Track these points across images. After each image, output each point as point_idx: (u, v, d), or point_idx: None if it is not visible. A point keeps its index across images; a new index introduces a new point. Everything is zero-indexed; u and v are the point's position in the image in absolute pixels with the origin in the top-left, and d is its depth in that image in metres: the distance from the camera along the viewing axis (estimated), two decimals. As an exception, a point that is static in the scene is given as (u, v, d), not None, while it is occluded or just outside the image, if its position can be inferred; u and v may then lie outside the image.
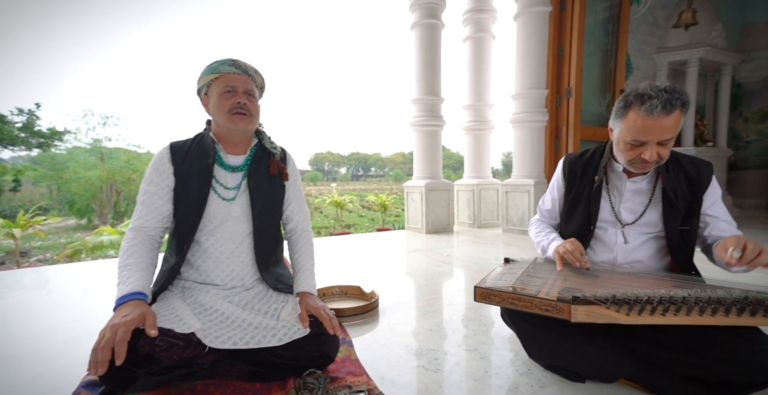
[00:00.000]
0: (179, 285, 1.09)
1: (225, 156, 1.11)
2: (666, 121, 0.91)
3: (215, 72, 1.05)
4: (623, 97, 1.00)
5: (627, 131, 0.96)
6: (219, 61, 1.07)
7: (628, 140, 0.97)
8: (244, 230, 1.11)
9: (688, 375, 0.86)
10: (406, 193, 4.16)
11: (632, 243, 1.10)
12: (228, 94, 1.04)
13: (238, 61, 1.08)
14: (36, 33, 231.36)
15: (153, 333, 0.83)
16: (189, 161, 1.07)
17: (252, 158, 1.14)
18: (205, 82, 1.08)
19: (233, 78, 1.05)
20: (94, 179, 13.09)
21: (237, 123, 1.05)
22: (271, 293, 1.14)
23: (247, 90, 1.07)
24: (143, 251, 1.01)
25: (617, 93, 3.77)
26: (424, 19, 3.79)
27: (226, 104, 1.04)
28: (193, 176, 1.06)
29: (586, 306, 0.84)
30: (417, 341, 1.31)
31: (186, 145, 1.10)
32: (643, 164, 0.98)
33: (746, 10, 5.60)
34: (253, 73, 1.09)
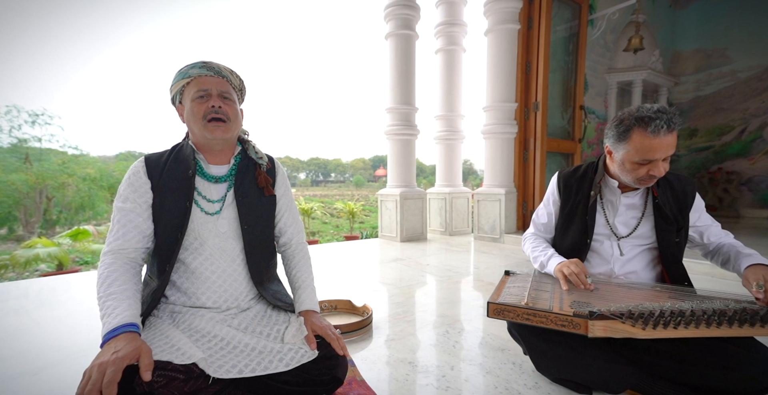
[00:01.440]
0: (167, 310, 0.98)
1: (206, 166, 1.01)
2: (670, 139, 0.99)
3: (186, 77, 0.96)
4: (619, 122, 1.06)
5: (635, 152, 1.02)
6: (189, 64, 0.98)
7: (636, 160, 1.03)
8: (234, 246, 1.02)
9: (690, 384, 0.92)
10: (380, 201, 4.15)
11: (627, 255, 1.16)
12: (201, 100, 0.95)
13: (210, 62, 0.99)
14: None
15: (147, 376, 0.73)
16: (167, 174, 0.97)
17: (237, 167, 1.05)
18: (177, 90, 0.98)
19: (205, 81, 0.95)
20: (18, 183, 11.58)
21: (214, 132, 0.95)
22: (270, 312, 1.06)
23: (222, 92, 0.97)
24: (126, 277, 0.90)
25: (577, 108, 4.05)
26: (399, 30, 3.84)
27: (200, 110, 0.94)
28: (173, 190, 0.96)
29: (602, 321, 0.86)
30: (419, 357, 1.29)
31: (163, 157, 1.00)
32: (650, 180, 1.05)
33: (676, 39, 6.30)
34: (228, 74, 1.00)
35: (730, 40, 5.86)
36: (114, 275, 0.88)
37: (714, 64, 6.08)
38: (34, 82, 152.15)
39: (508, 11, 3.66)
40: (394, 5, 3.82)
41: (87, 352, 1.34)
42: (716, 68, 6.05)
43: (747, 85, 5.79)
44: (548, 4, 3.61)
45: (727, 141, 5.96)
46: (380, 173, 56.00)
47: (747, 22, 5.67)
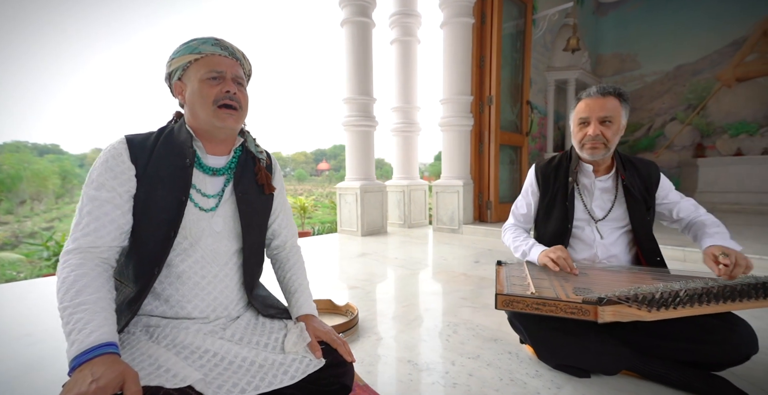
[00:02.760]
0: (140, 324, 0.82)
1: (204, 156, 0.87)
2: (602, 101, 1.13)
3: (195, 52, 0.82)
4: (576, 98, 1.22)
5: (576, 115, 1.19)
6: (199, 39, 0.83)
7: (576, 121, 1.18)
8: (228, 247, 0.89)
9: (679, 359, 1.00)
10: (339, 195, 4.03)
11: (607, 239, 1.24)
12: (213, 81, 0.82)
13: (223, 40, 0.85)
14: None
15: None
16: (156, 161, 0.81)
17: (237, 160, 0.92)
18: (180, 65, 0.83)
19: (219, 61, 0.83)
20: None
21: (225, 120, 0.83)
22: (262, 320, 0.94)
23: (236, 77, 0.85)
24: (99, 282, 0.72)
25: (524, 103, 4.29)
26: (356, 17, 3.71)
27: (210, 93, 0.81)
28: (164, 180, 0.81)
29: (611, 306, 0.90)
30: (417, 354, 1.26)
31: (149, 140, 0.83)
32: (592, 143, 1.15)
33: (598, 43, 6.99)
34: (241, 57, 0.88)
35: (640, 47, 6.63)
36: (84, 280, 0.70)
37: (627, 68, 6.84)
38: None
39: (463, 5, 3.71)
40: (349, -9, 3.67)
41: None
42: (629, 72, 6.82)
43: (652, 88, 6.62)
44: (500, 0, 3.73)
45: (638, 137, 6.78)
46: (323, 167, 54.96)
47: (653, 33, 6.46)
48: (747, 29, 5.59)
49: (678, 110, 6.31)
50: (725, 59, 5.82)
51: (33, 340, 1.41)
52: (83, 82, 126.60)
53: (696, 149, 6.08)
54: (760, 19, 5.45)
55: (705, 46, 5.97)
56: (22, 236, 14.20)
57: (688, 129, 6.23)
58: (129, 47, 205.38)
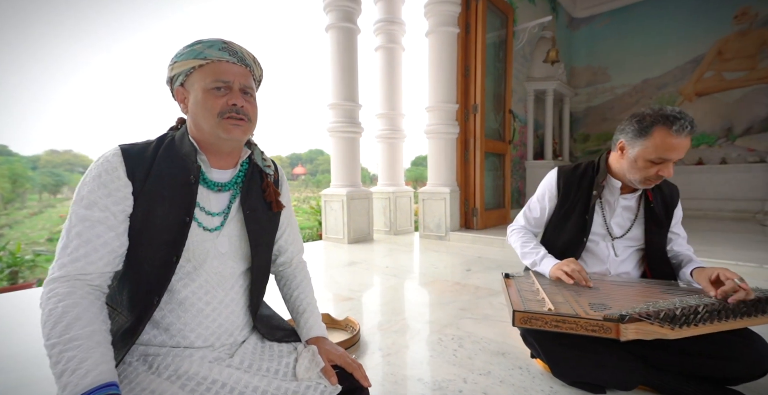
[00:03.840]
0: (136, 353, 0.74)
1: (208, 170, 0.79)
2: (688, 141, 1.02)
3: (200, 57, 0.74)
4: (641, 118, 1.07)
5: (653, 149, 1.03)
6: (205, 41, 0.75)
7: (652, 158, 1.04)
8: (234, 269, 0.82)
9: (695, 374, 1.01)
10: (324, 202, 3.95)
11: (621, 256, 1.24)
12: (218, 92, 0.74)
13: (232, 44, 0.77)
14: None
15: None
16: (156, 177, 0.73)
17: (244, 174, 0.85)
18: (183, 70, 0.75)
19: (226, 69, 0.74)
20: None
21: (231, 132, 0.75)
22: (269, 343, 0.87)
23: (245, 87, 0.78)
24: (90, 313, 0.63)
25: (507, 112, 4.38)
26: (341, 22, 3.68)
27: (215, 104, 0.74)
28: (165, 198, 0.73)
29: (634, 323, 0.90)
30: (426, 371, 1.22)
31: (147, 151, 0.75)
32: (656, 180, 1.10)
33: (572, 55, 7.30)
34: (251, 63, 0.80)
35: (610, 61, 6.97)
36: (74, 311, 0.62)
37: (599, 80, 7.17)
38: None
39: (448, 14, 3.76)
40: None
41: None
42: (601, 84, 7.15)
43: (622, 99, 6.96)
44: (483, 10, 3.81)
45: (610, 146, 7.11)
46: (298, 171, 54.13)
47: (621, 48, 6.81)
48: (704, 48, 6.00)
49: (645, 120, 6.66)
50: (686, 75, 6.21)
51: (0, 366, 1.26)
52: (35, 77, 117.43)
53: (662, 158, 6.44)
54: (717, 40, 5.86)
55: (668, 62, 6.36)
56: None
57: (654, 139, 6.59)
58: (89, 44, 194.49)
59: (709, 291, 1.01)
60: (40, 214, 21.39)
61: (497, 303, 1.87)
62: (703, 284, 1.04)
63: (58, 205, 24.41)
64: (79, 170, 35.48)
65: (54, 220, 19.31)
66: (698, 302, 0.95)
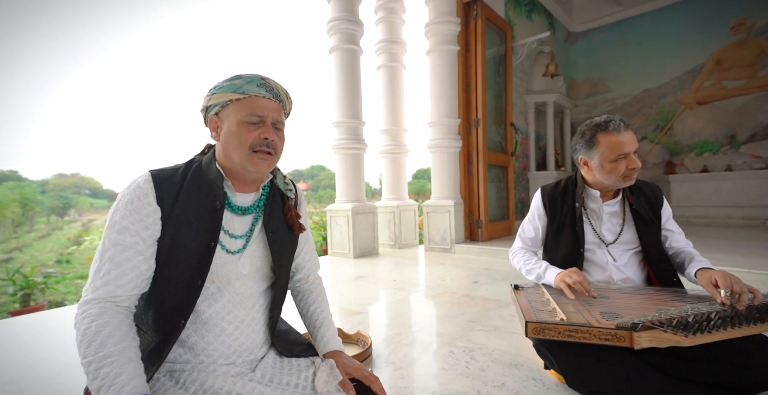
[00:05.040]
0: (163, 370, 0.77)
1: (233, 194, 0.83)
2: (630, 134, 1.16)
3: (238, 91, 0.78)
4: (582, 134, 1.23)
5: (609, 150, 1.16)
6: (245, 77, 0.79)
7: (612, 158, 1.16)
8: (255, 290, 0.86)
9: (712, 383, 1.00)
10: (330, 217, 3.98)
11: (620, 261, 1.26)
12: (252, 126, 0.78)
13: (268, 80, 0.81)
14: None
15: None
16: (184, 202, 0.77)
17: (266, 197, 0.89)
18: (220, 101, 0.79)
19: (262, 104, 0.78)
20: None
21: (258, 165, 0.79)
22: (285, 359, 0.89)
23: (277, 122, 0.82)
24: (121, 331, 0.67)
25: (508, 125, 4.45)
26: (344, 44, 3.80)
27: (248, 137, 0.78)
28: (192, 223, 0.76)
29: (647, 331, 0.90)
30: (438, 384, 1.21)
31: (175, 176, 0.79)
32: (632, 175, 1.18)
33: (570, 68, 7.43)
34: (284, 99, 0.84)
35: (609, 72, 7.09)
36: (106, 330, 0.66)
37: (599, 91, 7.27)
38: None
39: (447, 33, 3.88)
40: (337, 19, 3.77)
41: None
42: (600, 95, 7.24)
43: (622, 110, 7.03)
44: (482, 28, 3.93)
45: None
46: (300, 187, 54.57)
47: (619, 59, 6.93)
48: (703, 58, 6.10)
49: (648, 130, 6.70)
50: (686, 84, 6.28)
51: (20, 388, 1.27)
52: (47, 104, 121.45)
53: (666, 167, 6.43)
54: (715, 49, 5.96)
55: (667, 73, 6.45)
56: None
57: (658, 148, 6.60)
58: (97, 66, 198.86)
59: (714, 296, 1.01)
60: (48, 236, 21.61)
61: (507, 315, 1.86)
62: (708, 289, 1.04)
63: (65, 227, 24.63)
64: (85, 192, 35.95)
65: (62, 242, 19.46)
66: (710, 309, 0.95)
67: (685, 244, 1.28)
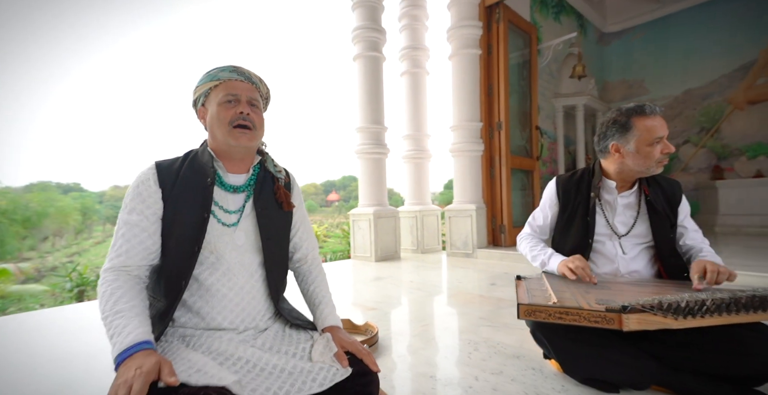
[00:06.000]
0: (176, 334, 0.88)
1: (225, 174, 0.96)
2: (662, 119, 1.16)
3: (214, 79, 0.92)
4: (614, 120, 1.20)
5: (646, 133, 1.14)
6: (219, 68, 0.94)
7: (651, 140, 1.14)
8: (252, 260, 0.95)
9: (711, 372, 0.96)
10: (352, 221, 4.08)
11: (629, 254, 1.23)
12: (229, 104, 0.91)
13: (240, 67, 0.95)
14: None
15: (173, 381, 0.66)
16: (181, 182, 0.90)
17: (256, 177, 1.00)
18: (202, 91, 0.94)
19: (235, 85, 0.92)
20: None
21: (239, 139, 0.91)
22: (289, 331, 0.98)
23: (251, 99, 0.94)
24: (132, 293, 0.81)
25: (533, 129, 4.37)
26: (367, 52, 3.95)
27: (226, 115, 0.90)
28: (188, 200, 0.89)
29: (636, 314, 0.89)
30: (438, 370, 1.24)
31: (175, 164, 0.93)
32: (665, 160, 1.16)
33: (604, 70, 7.17)
34: (257, 82, 0.97)
35: (646, 73, 6.77)
36: (119, 292, 0.79)
37: (635, 93, 6.95)
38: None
39: (469, 37, 3.93)
40: (361, 28, 3.94)
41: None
42: (637, 97, 6.92)
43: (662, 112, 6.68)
44: (505, 32, 3.94)
45: (654, 160, 6.76)
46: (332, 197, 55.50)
47: (658, 58, 6.61)
48: (753, 54, 5.69)
49: (691, 133, 6.30)
50: (734, 83, 5.87)
51: (63, 363, 1.44)
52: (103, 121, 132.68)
53: (713, 171, 5.99)
54: (765, 46, 5.55)
55: (712, 71, 6.07)
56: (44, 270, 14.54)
57: (703, 151, 6.18)
58: (142, 80, 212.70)
59: (693, 282, 1.00)
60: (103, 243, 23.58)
61: (519, 313, 1.84)
62: (692, 276, 1.03)
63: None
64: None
65: (115, 246, 20.99)
66: (708, 296, 0.92)
67: (701, 241, 1.23)
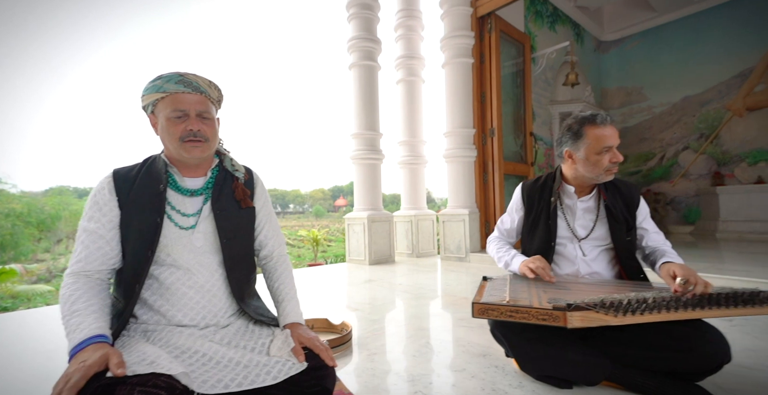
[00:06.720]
0: (139, 330, 0.92)
1: (181, 179, 0.98)
2: (613, 129, 1.20)
3: (160, 91, 0.89)
4: (568, 128, 1.25)
5: (595, 142, 1.18)
6: (164, 76, 0.91)
7: (599, 149, 1.17)
8: (212, 260, 0.98)
9: (658, 369, 1.00)
10: (347, 225, 4.14)
11: (589, 256, 1.27)
12: (178, 120, 0.90)
13: (186, 75, 0.91)
14: None
15: (120, 372, 0.68)
16: (137, 189, 0.92)
17: (214, 180, 1.02)
18: (149, 101, 0.93)
19: (182, 99, 0.90)
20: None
21: (191, 152, 0.92)
22: (252, 327, 1.01)
23: (201, 112, 0.92)
24: (90, 294, 0.85)
25: (528, 135, 4.42)
26: (362, 61, 4.05)
27: (175, 131, 0.90)
28: (142, 205, 0.91)
29: (579, 312, 0.93)
30: (405, 368, 1.28)
31: (133, 170, 0.96)
32: (613, 168, 1.20)
33: (602, 78, 7.21)
34: (206, 89, 0.93)
35: (645, 81, 6.80)
36: (77, 293, 0.83)
37: (634, 100, 6.98)
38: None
39: (462, 47, 4.01)
40: (357, 38, 4.04)
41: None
42: (636, 104, 6.94)
43: (661, 118, 6.68)
44: (497, 41, 4.02)
45: (652, 166, 6.74)
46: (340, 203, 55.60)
47: (657, 66, 6.65)
48: (751, 61, 5.70)
49: (690, 139, 6.30)
50: (732, 90, 5.88)
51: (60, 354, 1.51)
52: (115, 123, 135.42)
53: (714, 178, 5.97)
54: (764, 53, 5.56)
55: (710, 78, 6.08)
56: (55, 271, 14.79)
57: (703, 158, 6.17)
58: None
59: (670, 286, 1.01)
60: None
61: (497, 315, 1.87)
62: (666, 280, 1.04)
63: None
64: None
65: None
66: (653, 295, 0.96)
67: (662, 243, 1.26)
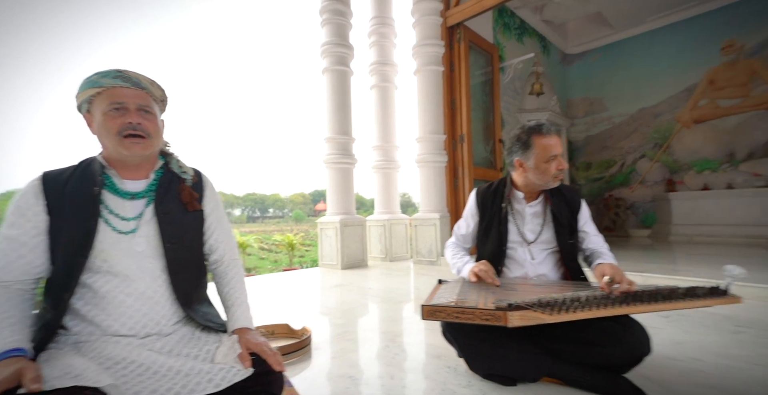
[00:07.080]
0: (68, 342, 0.85)
1: (120, 181, 0.90)
2: (558, 139, 1.28)
3: (96, 86, 0.84)
4: (517, 138, 1.32)
5: (543, 151, 1.24)
6: (100, 72, 0.85)
7: (547, 158, 1.24)
8: (154, 266, 0.92)
9: (592, 364, 1.07)
10: (320, 229, 4.13)
11: (537, 259, 1.35)
12: (115, 112, 0.84)
13: (126, 71, 0.86)
14: None
15: (35, 387, 0.64)
16: (69, 192, 0.85)
17: (158, 182, 0.95)
18: (84, 98, 0.86)
19: (120, 93, 0.85)
20: None
21: (131, 148, 0.85)
22: (199, 335, 0.95)
23: (142, 106, 0.87)
24: (8, 305, 0.79)
25: (497, 142, 4.57)
26: (335, 66, 4.08)
27: (113, 125, 0.84)
28: (75, 209, 0.84)
29: (519, 311, 0.99)
30: (361, 371, 1.30)
31: (66, 173, 0.88)
32: (559, 174, 1.27)
33: (567, 88, 7.57)
34: (147, 86, 0.89)
35: (606, 92, 7.18)
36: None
37: (596, 110, 7.35)
38: None
39: (432, 55, 4.12)
40: (329, 43, 4.07)
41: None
42: (598, 114, 7.31)
43: (620, 128, 7.06)
44: (466, 51, 4.15)
45: (613, 173, 7.11)
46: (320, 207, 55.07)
47: (616, 79, 7.04)
48: (697, 77, 6.14)
49: (646, 148, 6.69)
50: (681, 103, 6.31)
51: None
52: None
53: (667, 185, 6.37)
54: (708, 70, 6.01)
55: (662, 92, 6.50)
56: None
57: (658, 166, 6.56)
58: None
59: (599, 284, 1.10)
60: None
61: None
62: (597, 279, 1.13)
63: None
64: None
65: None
66: (587, 294, 1.03)
67: (601, 245, 1.35)
